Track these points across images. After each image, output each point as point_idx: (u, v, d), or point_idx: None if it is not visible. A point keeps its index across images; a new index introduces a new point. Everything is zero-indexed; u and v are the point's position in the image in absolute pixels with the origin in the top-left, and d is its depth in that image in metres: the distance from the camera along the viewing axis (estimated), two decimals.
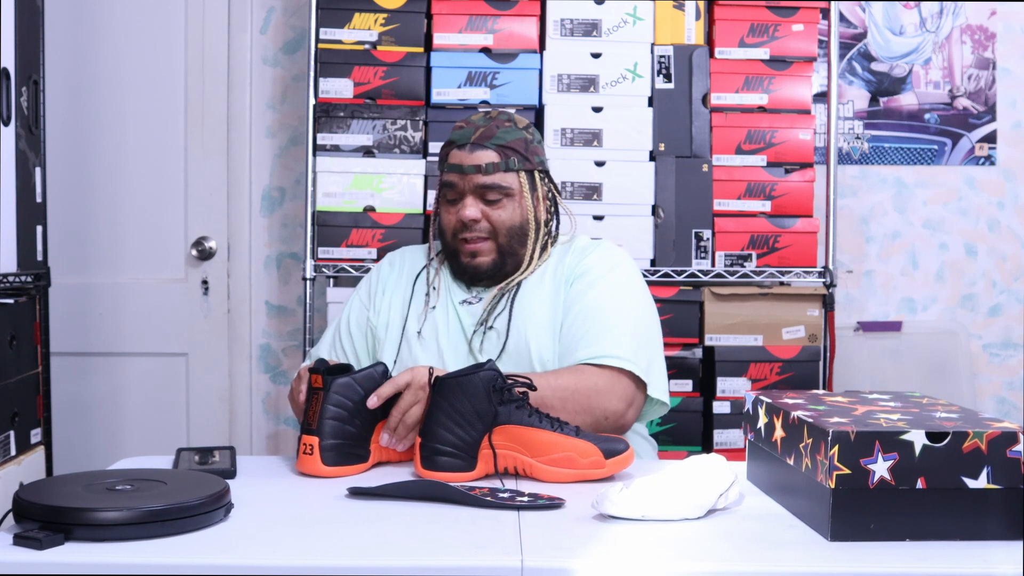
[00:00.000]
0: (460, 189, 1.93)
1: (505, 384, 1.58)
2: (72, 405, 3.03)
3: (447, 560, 1.19)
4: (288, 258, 3.18)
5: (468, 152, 1.92)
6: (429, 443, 1.57)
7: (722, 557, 1.22)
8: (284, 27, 3.17)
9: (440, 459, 1.57)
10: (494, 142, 1.92)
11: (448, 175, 1.95)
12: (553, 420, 1.59)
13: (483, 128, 1.94)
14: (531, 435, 1.56)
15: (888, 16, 3.23)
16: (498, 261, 1.94)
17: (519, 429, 1.57)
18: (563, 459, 1.55)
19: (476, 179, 1.91)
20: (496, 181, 1.92)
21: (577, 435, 1.57)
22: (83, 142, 3.10)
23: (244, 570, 1.17)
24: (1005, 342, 3.26)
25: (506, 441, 1.57)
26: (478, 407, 1.56)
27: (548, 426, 1.57)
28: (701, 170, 2.75)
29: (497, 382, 1.57)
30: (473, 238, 1.92)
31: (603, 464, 1.55)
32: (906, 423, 1.28)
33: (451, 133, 1.98)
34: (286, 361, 3.19)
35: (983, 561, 1.19)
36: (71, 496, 1.28)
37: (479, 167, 1.91)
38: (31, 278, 2.30)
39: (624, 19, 2.76)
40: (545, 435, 1.56)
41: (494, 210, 1.92)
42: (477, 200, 1.92)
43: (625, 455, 1.57)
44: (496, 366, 1.60)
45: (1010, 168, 3.25)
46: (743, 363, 2.73)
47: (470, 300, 1.97)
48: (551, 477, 1.55)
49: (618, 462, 1.56)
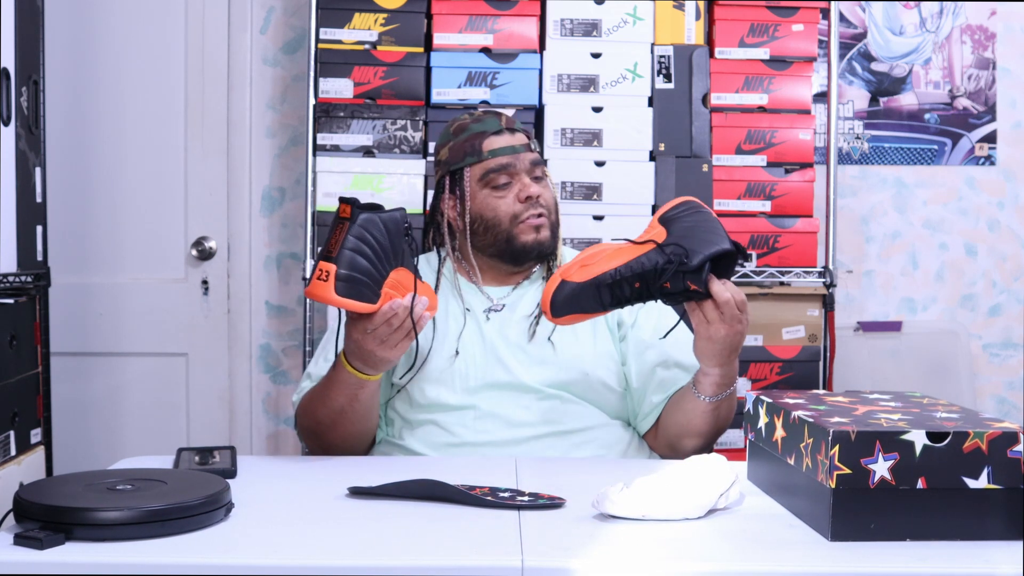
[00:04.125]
0: (515, 170, 1.93)
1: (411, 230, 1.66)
2: (72, 405, 3.03)
3: (447, 560, 1.19)
4: (288, 258, 3.18)
5: (510, 135, 1.95)
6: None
7: (722, 557, 1.22)
8: (284, 27, 3.17)
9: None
10: (517, 128, 1.98)
11: (497, 159, 1.92)
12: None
13: (503, 117, 1.98)
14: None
15: (888, 16, 3.23)
16: (551, 239, 1.95)
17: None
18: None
19: (529, 156, 1.94)
20: (541, 159, 1.97)
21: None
22: (83, 142, 3.10)
23: (244, 570, 1.17)
24: (1005, 342, 3.26)
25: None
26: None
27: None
28: (701, 170, 2.75)
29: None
30: (537, 214, 1.92)
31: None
32: (907, 423, 1.28)
33: (469, 128, 1.96)
34: (286, 361, 3.19)
35: (983, 561, 1.19)
36: (71, 496, 1.28)
37: (527, 146, 1.95)
38: (31, 278, 2.30)
39: (624, 19, 2.76)
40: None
41: (543, 189, 1.95)
42: (529, 180, 1.94)
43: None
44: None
45: (1010, 168, 3.25)
46: (743, 363, 2.72)
47: (494, 308, 1.94)
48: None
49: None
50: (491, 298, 1.95)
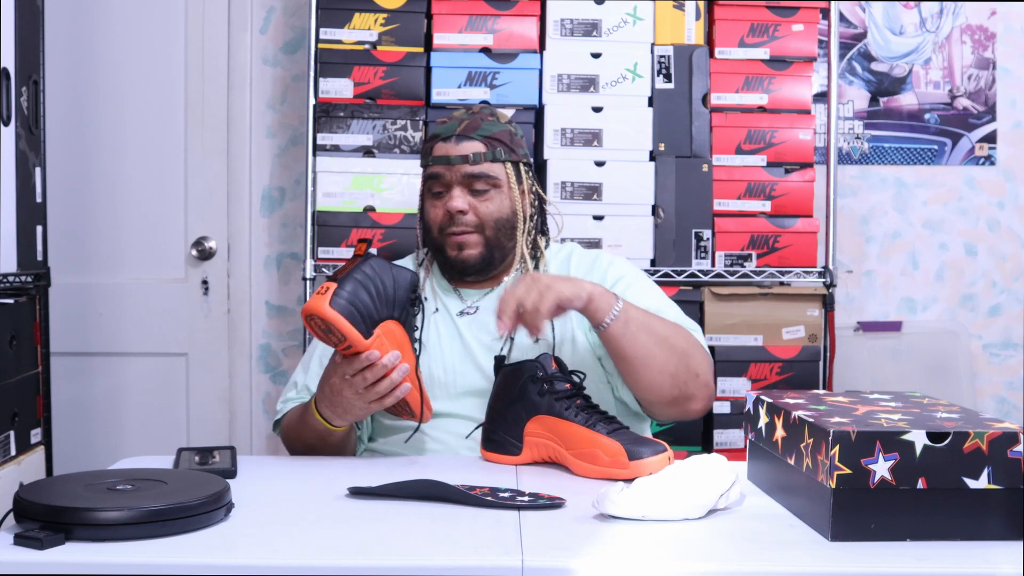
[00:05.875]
0: (447, 180, 1.91)
1: (547, 375, 1.63)
2: (72, 405, 3.03)
3: (447, 560, 1.19)
4: (288, 258, 3.18)
5: (454, 143, 1.91)
6: (487, 425, 1.71)
7: (722, 557, 1.22)
8: (284, 27, 3.17)
9: (493, 442, 1.69)
10: (480, 133, 1.92)
11: (434, 167, 1.92)
12: (591, 416, 1.61)
13: (467, 120, 1.93)
14: (565, 427, 1.61)
15: (888, 16, 3.23)
16: (485, 255, 1.92)
17: (555, 420, 1.62)
18: (589, 454, 1.57)
19: (463, 169, 1.90)
20: (483, 171, 1.90)
21: (611, 434, 1.58)
22: (83, 142, 3.10)
23: (244, 570, 1.17)
24: (1005, 342, 3.26)
25: (543, 430, 1.63)
26: (521, 395, 1.65)
27: (583, 421, 1.60)
28: (701, 170, 2.75)
29: (537, 374, 1.64)
30: (460, 231, 1.90)
31: (626, 465, 1.54)
32: (907, 423, 1.28)
33: (434, 128, 1.98)
34: (286, 361, 3.19)
35: (984, 561, 1.19)
36: (72, 496, 1.28)
37: (466, 157, 1.90)
38: (31, 278, 2.30)
39: (624, 19, 2.76)
40: (577, 429, 1.60)
41: (481, 202, 1.90)
42: (464, 192, 1.90)
43: (652, 459, 1.54)
44: (546, 359, 1.66)
45: (1010, 168, 3.25)
46: (743, 363, 2.73)
47: (467, 311, 1.94)
48: (578, 470, 1.59)
49: (643, 464, 1.53)
50: (464, 299, 1.96)
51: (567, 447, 1.61)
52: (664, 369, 1.77)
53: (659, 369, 1.77)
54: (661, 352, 1.76)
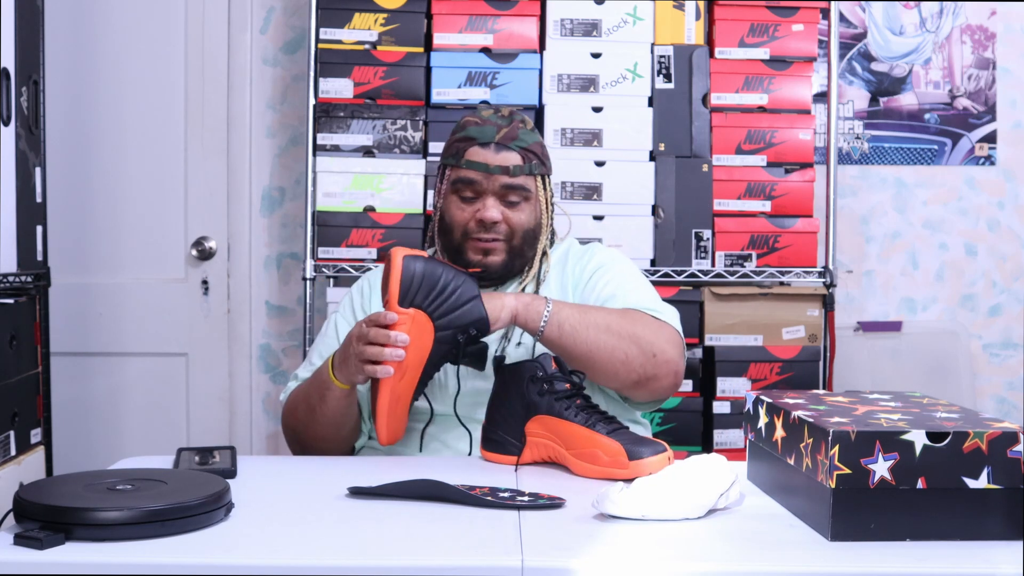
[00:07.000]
0: (482, 188, 1.90)
1: (547, 375, 1.63)
2: (72, 405, 3.03)
3: (447, 560, 1.19)
4: (288, 258, 3.18)
5: (494, 152, 1.90)
6: (486, 425, 1.70)
7: (722, 557, 1.22)
8: (284, 27, 3.17)
9: (493, 442, 1.68)
10: (517, 144, 1.90)
11: (468, 172, 1.90)
12: (591, 416, 1.61)
13: (506, 129, 1.91)
14: (565, 427, 1.61)
15: (888, 16, 3.23)
16: (507, 262, 1.92)
17: (555, 420, 1.62)
18: (589, 454, 1.57)
19: (501, 180, 1.89)
20: (520, 183, 1.90)
21: (611, 434, 1.58)
22: (83, 142, 3.10)
23: (244, 570, 1.17)
24: (1005, 342, 3.26)
25: (543, 430, 1.63)
26: (521, 395, 1.65)
27: (583, 421, 1.60)
28: (701, 170, 2.75)
29: (537, 373, 1.64)
30: (489, 238, 1.90)
31: (626, 465, 1.54)
32: (907, 423, 1.28)
33: (467, 129, 1.93)
34: (286, 361, 3.19)
35: (983, 561, 1.19)
36: (71, 496, 1.27)
37: (506, 169, 1.89)
38: (31, 278, 2.30)
39: (624, 19, 2.76)
40: (577, 429, 1.60)
41: (514, 212, 1.91)
42: (497, 202, 1.90)
43: (652, 459, 1.54)
44: (546, 359, 1.65)
45: (1010, 168, 3.25)
46: (743, 363, 2.73)
47: None
48: (578, 470, 1.59)
49: (643, 464, 1.53)
50: None
51: (567, 447, 1.61)
52: (614, 357, 1.78)
53: (608, 359, 1.78)
54: (608, 341, 1.77)
